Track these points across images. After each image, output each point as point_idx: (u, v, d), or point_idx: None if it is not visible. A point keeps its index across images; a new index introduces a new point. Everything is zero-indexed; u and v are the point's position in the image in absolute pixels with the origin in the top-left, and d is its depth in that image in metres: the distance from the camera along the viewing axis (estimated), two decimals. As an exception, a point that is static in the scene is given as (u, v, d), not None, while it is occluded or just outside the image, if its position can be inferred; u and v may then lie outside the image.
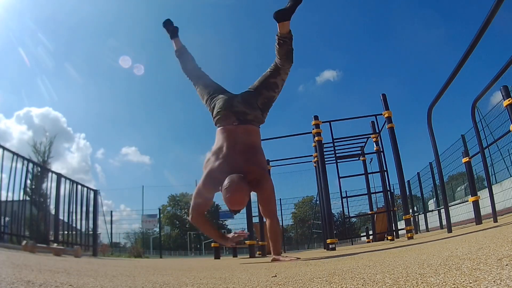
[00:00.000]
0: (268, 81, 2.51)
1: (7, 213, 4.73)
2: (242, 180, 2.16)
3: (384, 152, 5.27)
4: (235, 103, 2.43)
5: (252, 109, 2.43)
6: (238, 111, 2.40)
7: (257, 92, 2.50)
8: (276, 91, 2.54)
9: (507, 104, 3.13)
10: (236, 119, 2.39)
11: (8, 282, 0.85)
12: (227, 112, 2.41)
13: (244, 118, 2.40)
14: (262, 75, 2.56)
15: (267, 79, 2.52)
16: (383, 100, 4.54)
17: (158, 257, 13.67)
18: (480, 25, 2.21)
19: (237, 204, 2.18)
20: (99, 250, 7.07)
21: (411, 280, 0.72)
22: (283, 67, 2.47)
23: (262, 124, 2.54)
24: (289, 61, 2.43)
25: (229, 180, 2.13)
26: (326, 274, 1.03)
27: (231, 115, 2.40)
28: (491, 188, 3.75)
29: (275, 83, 2.51)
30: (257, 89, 2.52)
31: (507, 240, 1.07)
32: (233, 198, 2.13)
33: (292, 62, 2.46)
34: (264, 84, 2.52)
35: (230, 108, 2.42)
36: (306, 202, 26.56)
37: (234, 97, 2.50)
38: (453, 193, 12.12)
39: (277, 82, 2.50)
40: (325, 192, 4.64)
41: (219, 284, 0.99)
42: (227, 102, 2.45)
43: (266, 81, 2.52)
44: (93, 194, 6.38)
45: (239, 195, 2.13)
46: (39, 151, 8.77)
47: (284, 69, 2.48)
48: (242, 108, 2.41)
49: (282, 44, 2.35)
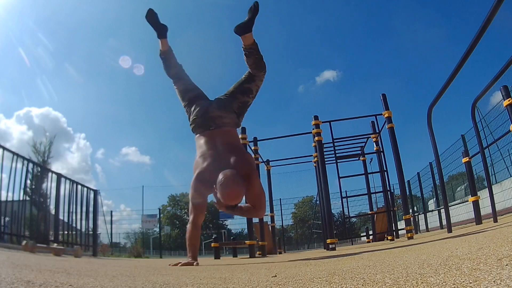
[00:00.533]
0: (243, 86, 2.60)
1: (7, 213, 4.73)
2: (236, 174, 2.16)
3: (384, 152, 5.28)
4: (210, 109, 2.50)
5: (228, 112, 2.51)
6: (214, 116, 2.47)
7: (232, 97, 2.58)
8: (251, 96, 2.62)
9: (507, 104, 3.12)
10: (213, 123, 2.46)
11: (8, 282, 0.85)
12: (203, 119, 2.48)
13: (221, 122, 2.46)
14: (237, 81, 2.64)
15: (241, 84, 2.61)
16: (383, 100, 4.54)
17: (158, 257, 13.67)
18: (480, 25, 2.21)
19: (235, 197, 2.18)
20: (99, 250, 7.07)
21: (411, 280, 0.72)
22: (257, 75, 2.58)
23: (238, 127, 2.62)
24: (260, 68, 2.55)
25: (223, 175, 2.13)
26: (326, 274, 1.03)
27: (207, 121, 2.47)
28: (491, 188, 3.75)
29: (250, 88, 2.59)
30: (232, 94, 2.60)
31: (507, 240, 1.07)
32: (231, 192, 2.13)
33: (264, 69, 2.57)
34: (239, 89, 2.60)
35: (205, 114, 2.49)
36: (306, 202, 26.56)
37: (210, 103, 2.56)
38: (453, 193, 12.12)
39: (251, 87, 2.59)
40: (325, 192, 4.64)
41: (219, 284, 0.99)
42: (202, 109, 2.52)
43: (241, 86, 2.61)
44: (93, 194, 6.38)
45: (236, 189, 2.14)
46: (39, 151, 8.77)
47: (258, 76, 2.58)
48: (218, 113, 2.48)
49: (248, 55, 2.47)
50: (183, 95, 2.70)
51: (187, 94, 2.68)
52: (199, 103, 2.58)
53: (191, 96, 2.66)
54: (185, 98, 2.68)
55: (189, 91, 2.69)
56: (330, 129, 4.94)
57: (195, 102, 2.60)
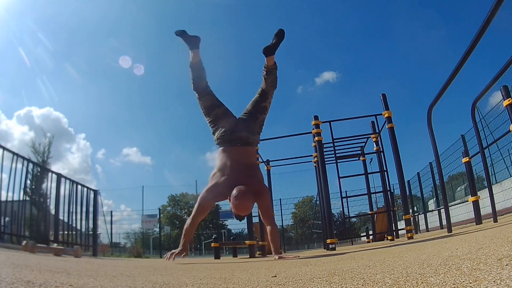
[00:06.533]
0: (260, 106, 2.91)
1: (7, 213, 4.73)
2: (248, 190, 2.52)
3: (384, 152, 5.27)
4: (239, 128, 2.79)
5: (253, 134, 2.83)
6: (241, 136, 2.76)
7: (253, 117, 2.88)
8: (266, 113, 2.95)
9: (507, 104, 3.12)
10: (239, 141, 2.76)
11: (8, 282, 0.85)
12: (232, 136, 2.76)
13: (246, 141, 2.78)
14: (253, 100, 2.94)
15: (258, 103, 2.91)
16: (383, 100, 4.53)
17: (158, 257, 13.66)
18: (480, 25, 2.21)
19: (245, 209, 2.55)
20: (99, 250, 7.07)
21: (411, 280, 0.72)
22: (269, 92, 2.89)
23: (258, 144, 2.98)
24: (275, 86, 2.89)
25: (238, 189, 2.48)
26: (326, 274, 1.03)
27: (235, 138, 2.76)
28: (491, 188, 3.75)
29: (265, 106, 2.92)
30: (253, 114, 2.89)
31: (507, 240, 1.07)
32: (241, 204, 2.49)
33: (276, 86, 2.89)
34: (256, 109, 2.90)
35: (234, 132, 2.77)
36: (306, 202, 26.53)
37: (237, 122, 2.85)
38: (453, 193, 12.12)
39: (266, 105, 2.92)
40: (325, 192, 4.64)
41: (219, 284, 0.99)
42: (232, 126, 2.80)
43: (258, 105, 2.91)
44: (93, 194, 6.38)
45: (246, 202, 2.51)
46: (38, 151, 8.77)
47: (270, 93, 2.90)
48: (245, 134, 2.78)
49: (269, 74, 2.80)
50: (209, 111, 2.91)
51: (213, 110, 2.90)
52: (227, 121, 2.85)
53: (218, 113, 2.89)
54: (211, 114, 2.90)
55: (215, 108, 2.91)
56: (330, 129, 4.94)
57: (223, 118, 2.87)
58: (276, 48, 2.74)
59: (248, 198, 2.52)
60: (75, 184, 5.81)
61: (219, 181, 2.64)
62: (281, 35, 2.72)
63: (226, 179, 2.64)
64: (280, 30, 2.71)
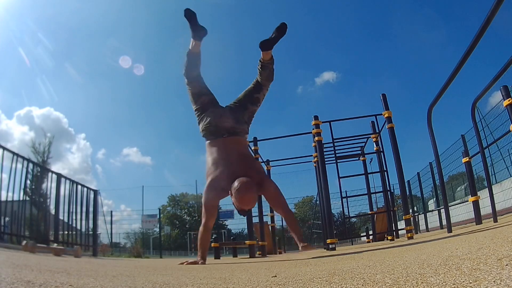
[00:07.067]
0: (252, 96, 2.76)
1: (7, 213, 4.73)
2: (251, 181, 2.33)
3: (384, 152, 5.27)
4: (224, 118, 2.62)
5: (240, 123, 2.66)
6: (228, 126, 2.60)
7: (242, 107, 2.73)
8: (258, 105, 2.80)
9: (507, 104, 3.12)
10: (225, 132, 2.60)
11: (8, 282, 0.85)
12: (217, 127, 2.60)
13: (233, 131, 2.62)
14: (246, 90, 2.79)
15: (251, 93, 2.77)
16: (383, 100, 4.53)
17: (158, 257, 13.66)
18: (480, 25, 2.21)
19: (249, 202, 2.36)
20: (99, 250, 7.07)
21: (411, 280, 0.72)
22: (265, 85, 2.76)
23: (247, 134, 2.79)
24: (270, 80, 2.75)
25: (239, 181, 2.30)
26: (326, 274, 1.03)
27: (220, 129, 2.60)
28: (491, 188, 3.75)
29: (258, 98, 2.77)
30: (243, 104, 2.74)
31: (507, 240, 1.07)
32: (246, 197, 2.29)
33: (272, 80, 2.76)
34: (248, 99, 2.76)
35: (219, 123, 2.61)
36: (306, 202, 26.55)
37: (223, 111, 2.67)
38: (453, 193, 12.12)
39: (259, 97, 2.77)
40: (325, 192, 4.64)
41: (219, 284, 0.99)
42: (216, 116, 2.63)
43: (250, 95, 2.76)
44: (93, 194, 6.38)
45: (250, 194, 2.31)
46: (38, 151, 8.76)
47: (266, 86, 2.77)
48: (231, 123, 2.61)
49: (265, 68, 2.65)
50: (196, 98, 2.75)
51: (200, 97, 2.74)
52: (212, 110, 2.68)
53: (204, 100, 2.73)
54: (197, 101, 2.74)
55: (202, 95, 2.75)
56: (330, 129, 4.94)
57: (208, 108, 2.70)
58: (275, 43, 2.56)
59: (252, 189, 2.31)
60: (75, 184, 5.81)
61: (216, 176, 2.46)
62: (283, 30, 2.53)
63: (222, 172, 2.46)
64: (283, 24, 2.52)
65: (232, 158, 2.50)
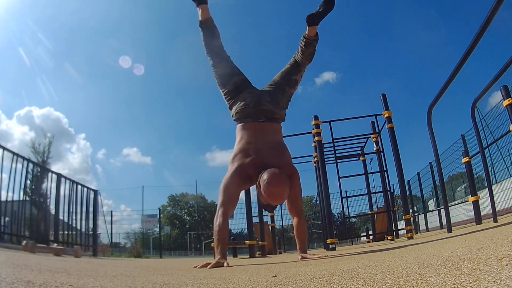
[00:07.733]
0: (290, 78, 2.50)
1: (7, 213, 4.73)
2: (284, 173, 2.07)
3: (384, 152, 5.27)
4: (264, 101, 2.36)
5: (279, 108, 2.42)
6: (267, 110, 2.34)
7: (281, 89, 2.47)
8: (295, 87, 2.54)
9: (507, 104, 3.12)
10: (263, 116, 2.33)
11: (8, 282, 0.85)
12: (255, 110, 2.33)
13: (272, 117, 2.36)
14: (283, 71, 2.53)
15: (288, 75, 2.51)
16: (383, 100, 4.54)
17: (158, 257, 13.66)
18: (480, 25, 2.21)
19: (280, 197, 2.09)
20: (99, 250, 7.07)
21: (411, 280, 0.72)
22: (304, 65, 2.50)
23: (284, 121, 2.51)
24: (311, 59, 2.47)
25: (271, 173, 2.02)
26: (326, 274, 1.03)
27: (259, 113, 2.33)
28: (491, 188, 3.75)
29: (296, 80, 2.52)
30: (280, 86, 2.48)
31: (507, 240, 1.07)
32: (278, 191, 2.03)
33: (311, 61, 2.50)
34: (286, 80, 2.50)
35: (258, 105, 2.34)
36: (306, 202, 26.58)
37: (261, 94, 2.42)
38: (453, 193, 12.12)
39: (297, 79, 2.53)
40: (325, 192, 4.64)
41: (219, 284, 0.99)
42: (255, 99, 2.37)
43: (288, 77, 2.51)
44: (93, 194, 6.38)
45: (283, 188, 2.04)
46: (38, 152, 8.77)
47: (304, 66, 2.51)
48: (271, 108, 2.36)
49: (309, 45, 2.38)
50: (226, 80, 2.49)
51: (231, 79, 2.48)
52: (250, 91, 2.43)
53: (237, 82, 2.48)
54: (228, 83, 2.48)
55: (233, 76, 2.50)
56: (330, 129, 4.94)
57: (243, 89, 2.45)
58: (323, 17, 2.29)
59: (284, 183, 2.03)
60: (75, 184, 5.81)
61: (243, 163, 2.18)
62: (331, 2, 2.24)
63: (251, 160, 2.19)
64: None
65: (265, 145, 2.25)
